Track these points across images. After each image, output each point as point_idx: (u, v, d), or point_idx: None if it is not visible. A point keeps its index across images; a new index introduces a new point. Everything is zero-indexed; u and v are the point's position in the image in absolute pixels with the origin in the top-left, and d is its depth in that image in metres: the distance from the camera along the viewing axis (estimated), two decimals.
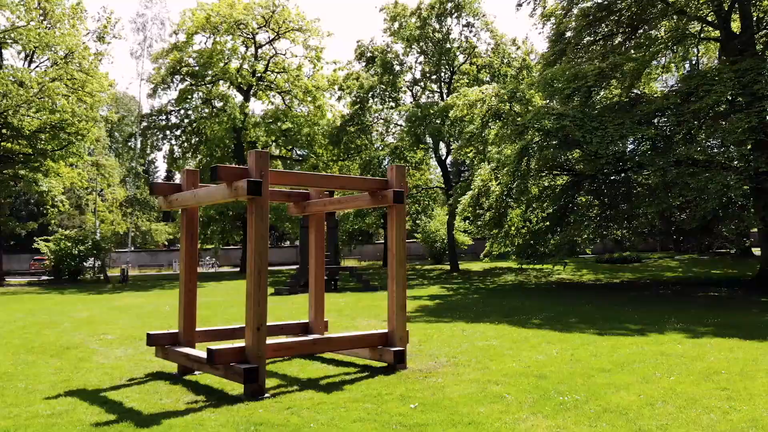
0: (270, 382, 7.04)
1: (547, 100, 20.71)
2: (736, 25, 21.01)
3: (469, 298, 17.80)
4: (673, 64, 26.33)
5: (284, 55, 37.61)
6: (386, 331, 7.82)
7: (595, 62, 19.41)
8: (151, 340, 7.98)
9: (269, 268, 43.03)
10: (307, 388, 6.76)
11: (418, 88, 34.75)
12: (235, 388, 6.77)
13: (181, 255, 8.07)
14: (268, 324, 9.08)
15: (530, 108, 19.79)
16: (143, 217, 45.96)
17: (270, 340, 7.33)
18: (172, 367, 8.03)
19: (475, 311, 14.03)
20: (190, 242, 8.01)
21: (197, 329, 8.26)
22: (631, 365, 7.55)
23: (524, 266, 24.37)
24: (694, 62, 29.57)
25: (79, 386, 7.30)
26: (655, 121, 18.70)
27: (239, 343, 6.81)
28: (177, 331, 8.07)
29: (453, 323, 11.93)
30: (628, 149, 19.26)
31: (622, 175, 19.71)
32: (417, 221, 38.93)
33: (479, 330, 10.82)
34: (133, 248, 55.19)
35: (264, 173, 6.54)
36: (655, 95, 21.01)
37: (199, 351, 7.46)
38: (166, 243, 58.46)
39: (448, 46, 30.85)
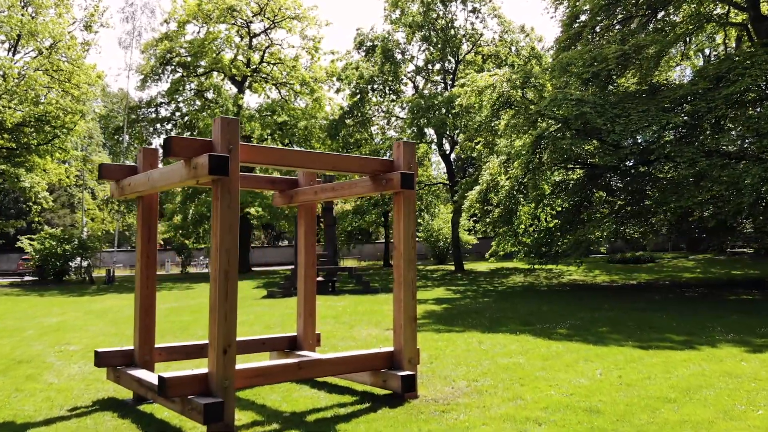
0: (242, 416, 5.50)
1: (560, 88, 19.20)
2: (765, 8, 19.63)
3: (480, 302, 16.23)
4: (692, 52, 24.89)
5: (280, 45, 35.97)
6: (391, 349, 6.21)
7: (614, 45, 17.92)
8: (100, 359, 6.44)
9: (265, 268, 41.23)
10: (290, 428, 5.19)
11: (421, 78, 33.15)
12: (197, 425, 5.24)
13: (137, 253, 6.49)
14: (247, 338, 7.50)
15: (544, 95, 18.24)
16: (133, 215, 44.28)
17: (245, 364, 5.80)
18: (127, 392, 6.51)
19: (489, 318, 12.45)
20: (147, 238, 6.45)
21: (159, 345, 6.72)
22: (699, 392, 6.01)
23: (536, 267, 22.84)
24: (708, 53, 28.19)
25: (8, 417, 5.90)
26: (679, 108, 17.23)
27: (203, 369, 5.24)
28: (132, 348, 6.52)
29: (467, 333, 10.36)
30: (647, 140, 17.75)
31: (643, 168, 18.21)
32: (419, 219, 37.39)
33: (499, 342, 9.25)
34: (129, 247, 53.58)
35: (233, 147, 4.98)
36: (674, 83, 19.61)
37: (156, 375, 5.93)
38: (162, 242, 56.84)
39: (452, 33, 29.22)
